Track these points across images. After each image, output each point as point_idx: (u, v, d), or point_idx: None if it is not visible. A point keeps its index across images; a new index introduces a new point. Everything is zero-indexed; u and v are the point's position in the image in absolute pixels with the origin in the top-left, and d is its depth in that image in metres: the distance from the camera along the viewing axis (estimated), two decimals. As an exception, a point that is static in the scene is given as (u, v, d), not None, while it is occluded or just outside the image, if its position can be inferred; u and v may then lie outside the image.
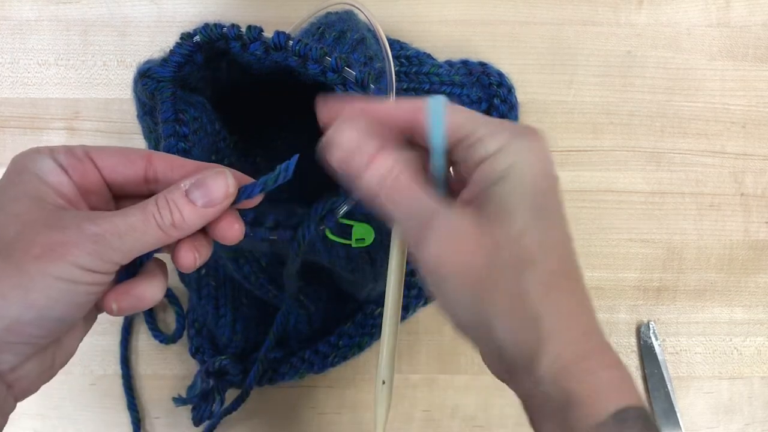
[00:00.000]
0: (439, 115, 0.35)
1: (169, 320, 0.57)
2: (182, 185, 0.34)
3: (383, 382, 0.44)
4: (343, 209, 0.42)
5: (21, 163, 0.34)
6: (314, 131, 0.53)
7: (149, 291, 0.36)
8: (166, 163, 0.36)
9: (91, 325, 0.38)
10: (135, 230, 0.33)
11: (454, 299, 0.34)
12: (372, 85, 0.41)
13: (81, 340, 0.38)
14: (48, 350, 0.35)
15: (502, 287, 0.33)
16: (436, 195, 0.34)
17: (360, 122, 0.35)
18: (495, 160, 0.34)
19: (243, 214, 0.40)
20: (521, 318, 0.33)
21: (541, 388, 0.33)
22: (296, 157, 0.36)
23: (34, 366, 0.35)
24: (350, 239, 0.44)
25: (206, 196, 0.35)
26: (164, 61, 0.43)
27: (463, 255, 0.33)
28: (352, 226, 0.43)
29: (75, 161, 0.35)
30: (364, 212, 0.43)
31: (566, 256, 0.34)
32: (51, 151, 0.34)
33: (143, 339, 0.57)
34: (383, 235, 0.45)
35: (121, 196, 0.37)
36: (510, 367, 0.34)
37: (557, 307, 0.33)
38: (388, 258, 0.41)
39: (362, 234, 0.43)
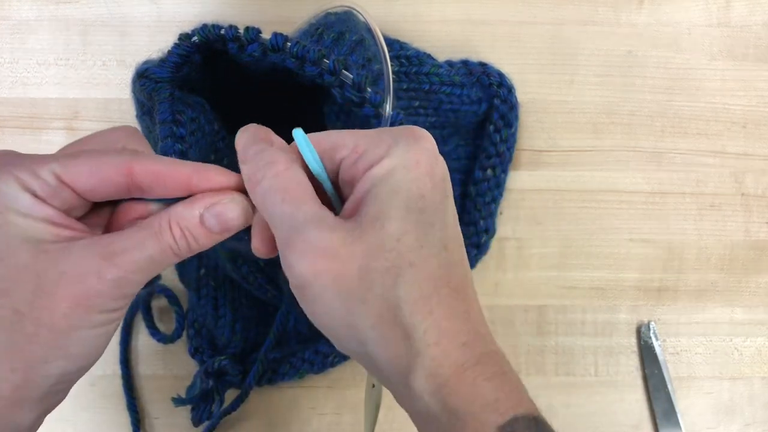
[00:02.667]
0: (304, 140, 0.35)
1: (169, 320, 0.57)
2: (197, 212, 0.33)
3: (373, 386, 0.44)
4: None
5: None
6: (313, 131, 0.53)
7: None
8: (153, 176, 0.33)
9: None
10: (154, 263, 0.33)
11: (326, 313, 0.32)
12: (369, 89, 0.41)
13: None
14: None
15: (374, 296, 0.31)
16: (318, 204, 0.33)
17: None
18: (379, 165, 0.32)
19: None
20: (393, 329, 0.31)
21: (422, 405, 0.31)
22: None
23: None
24: None
25: (223, 223, 0.34)
26: (162, 61, 0.43)
27: (333, 263, 0.31)
28: None
29: (49, 190, 0.32)
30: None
31: (448, 260, 0.32)
32: (18, 179, 0.31)
33: (143, 339, 0.57)
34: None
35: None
36: (388, 382, 0.33)
37: (433, 317, 0.31)
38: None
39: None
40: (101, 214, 0.35)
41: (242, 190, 0.35)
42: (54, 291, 0.31)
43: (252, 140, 0.36)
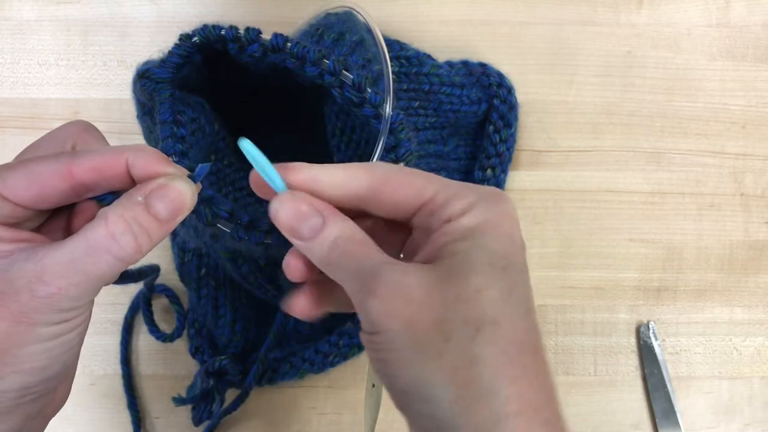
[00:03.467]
0: (251, 150, 0.33)
1: (169, 319, 0.57)
2: (139, 198, 0.31)
3: (373, 386, 0.44)
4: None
5: None
6: (313, 131, 0.53)
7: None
8: (94, 171, 0.32)
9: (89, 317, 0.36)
10: (88, 275, 0.30)
11: (395, 361, 0.30)
12: (369, 89, 0.41)
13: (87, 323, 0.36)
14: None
15: (451, 349, 0.28)
16: (387, 255, 0.32)
17: (302, 195, 0.33)
18: (459, 221, 0.31)
19: (239, 217, 0.40)
20: (468, 389, 0.28)
21: None
22: (207, 166, 0.34)
23: (63, 389, 0.35)
24: None
25: (171, 205, 0.31)
26: (162, 62, 0.43)
27: (410, 308, 0.29)
28: None
29: None
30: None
31: (531, 324, 0.30)
32: None
33: (143, 339, 0.57)
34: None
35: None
36: None
37: (518, 385, 0.28)
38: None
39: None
40: (61, 217, 0.34)
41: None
42: None
43: (299, 215, 0.33)
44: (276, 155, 0.57)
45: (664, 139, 0.59)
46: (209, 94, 0.48)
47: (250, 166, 0.35)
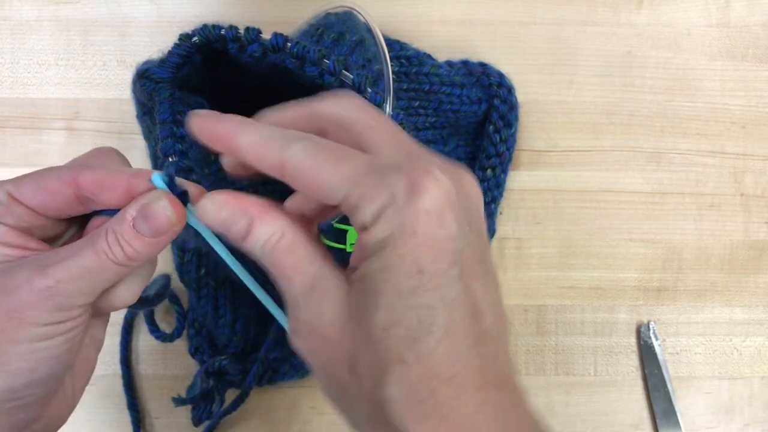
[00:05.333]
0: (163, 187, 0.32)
1: (169, 319, 0.57)
2: (128, 216, 0.32)
3: None
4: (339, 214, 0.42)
5: None
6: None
7: (118, 295, 0.34)
8: (96, 184, 0.33)
9: (101, 336, 0.37)
10: (90, 271, 0.31)
11: (325, 391, 0.30)
12: (369, 89, 0.41)
13: (96, 353, 0.37)
14: (63, 385, 0.35)
15: (365, 393, 0.28)
16: (323, 263, 0.30)
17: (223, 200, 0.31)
18: (370, 232, 0.28)
19: None
20: (384, 429, 0.27)
21: None
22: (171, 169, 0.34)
23: (58, 403, 0.35)
24: (345, 244, 0.44)
25: (152, 224, 0.32)
26: (162, 62, 0.43)
27: (326, 349, 0.29)
28: (347, 231, 0.43)
29: (3, 208, 0.32)
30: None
31: (452, 351, 0.27)
32: None
33: (143, 339, 0.57)
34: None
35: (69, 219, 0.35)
36: None
37: (428, 423, 0.26)
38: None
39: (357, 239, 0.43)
40: (69, 232, 0.36)
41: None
42: None
43: (224, 221, 0.32)
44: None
45: (664, 139, 0.59)
46: (209, 94, 0.48)
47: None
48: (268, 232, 0.31)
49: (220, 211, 0.31)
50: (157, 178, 0.32)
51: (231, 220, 0.31)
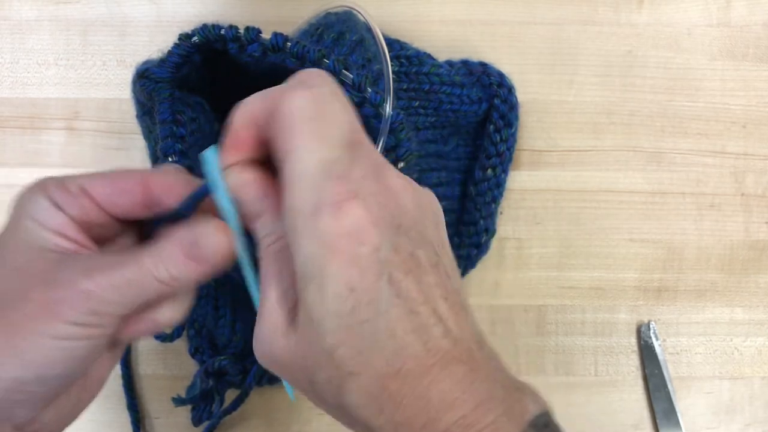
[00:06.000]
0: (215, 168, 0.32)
1: (169, 320, 0.57)
2: (181, 240, 0.33)
3: None
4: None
5: (19, 208, 0.33)
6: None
7: (165, 314, 0.35)
8: (164, 188, 0.34)
9: (117, 358, 0.37)
10: (131, 285, 0.32)
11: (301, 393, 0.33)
12: (369, 89, 0.41)
13: (110, 370, 0.37)
14: (68, 393, 0.35)
15: (327, 402, 0.31)
16: (278, 301, 0.32)
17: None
18: (296, 258, 0.30)
19: None
20: (355, 425, 0.31)
21: None
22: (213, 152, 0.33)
23: (54, 412, 0.35)
24: None
25: (205, 253, 0.33)
26: (162, 61, 0.43)
27: (285, 372, 0.32)
28: None
29: (70, 198, 0.33)
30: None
31: (396, 348, 0.29)
32: (44, 189, 0.33)
33: (143, 339, 0.57)
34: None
35: (128, 221, 0.35)
36: None
37: (384, 414, 0.30)
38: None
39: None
40: (123, 239, 0.36)
41: None
42: (30, 294, 0.31)
43: (251, 197, 0.33)
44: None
45: (665, 139, 0.59)
46: (209, 94, 0.48)
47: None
48: (266, 230, 0.32)
49: (239, 187, 0.32)
50: (211, 153, 0.32)
51: (244, 200, 0.32)
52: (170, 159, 0.42)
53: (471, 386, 0.30)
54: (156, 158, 0.50)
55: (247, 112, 0.32)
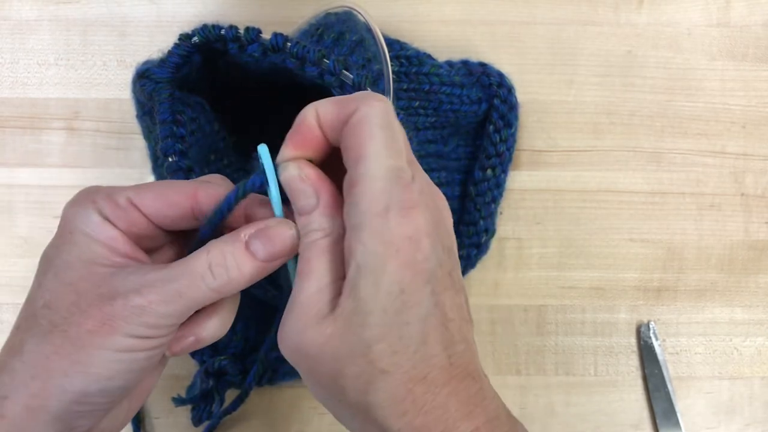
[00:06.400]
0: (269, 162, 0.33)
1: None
2: (242, 235, 0.33)
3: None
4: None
5: (69, 221, 0.34)
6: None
7: (208, 329, 0.36)
8: (213, 201, 0.34)
9: (163, 368, 0.38)
10: (181, 297, 0.32)
11: (314, 396, 0.34)
12: (369, 89, 0.41)
13: (157, 379, 0.38)
14: (122, 402, 0.36)
15: (348, 398, 0.31)
16: (336, 282, 0.32)
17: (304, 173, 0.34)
18: (356, 252, 0.31)
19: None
20: (371, 427, 0.31)
21: None
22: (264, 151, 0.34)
23: (109, 420, 0.35)
24: None
25: (270, 247, 0.33)
26: (162, 62, 0.43)
27: (307, 361, 0.32)
28: None
29: (119, 211, 0.34)
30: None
31: (424, 356, 0.31)
32: (94, 202, 0.34)
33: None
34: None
35: (176, 231, 0.36)
36: None
37: (406, 418, 0.31)
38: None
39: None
40: (171, 248, 0.37)
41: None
42: (87, 309, 0.32)
43: (306, 191, 0.34)
44: (276, 155, 0.57)
45: (665, 139, 0.59)
46: (209, 94, 0.48)
47: (249, 167, 0.35)
48: (316, 225, 0.33)
49: (299, 180, 0.33)
50: (265, 150, 0.33)
51: (302, 193, 0.33)
52: (170, 159, 0.42)
53: (483, 402, 0.32)
54: (156, 158, 0.50)
55: (319, 114, 0.33)
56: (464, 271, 0.57)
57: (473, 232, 0.56)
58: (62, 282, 0.33)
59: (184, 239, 0.37)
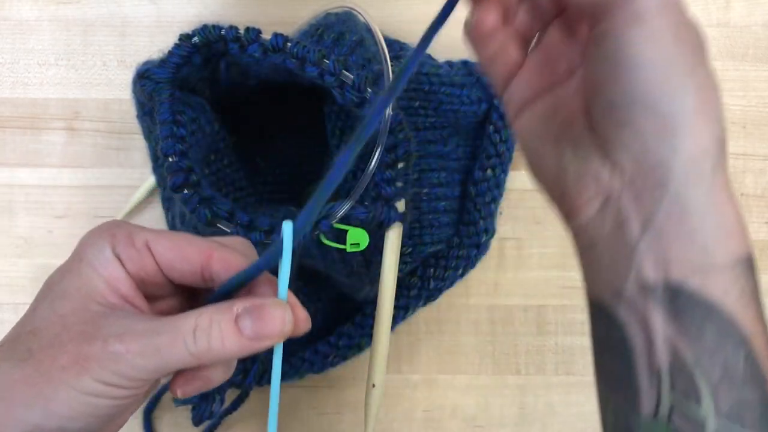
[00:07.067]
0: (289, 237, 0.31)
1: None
2: (234, 308, 0.32)
3: (373, 386, 0.44)
4: (340, 213, 0.42)
5: (82, 250, 0.33)
6: (313, 131, 0.53)
7: (217, 374, 0.35)
8: (224, 267, 0.34)
9: (140, 404, 0.37)
10: (159, 352, 0.31)
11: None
12: (369, 89, 0.42)
13: (130, 414, 0.37)
14: None
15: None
16: None
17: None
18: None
19: (238, 217, 0.40)
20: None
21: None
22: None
23: None
24: (345, 244, 0.44)
25: (259, 328, 0.32)
26: (162, 62, 0.43)
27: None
28: (346, 231, 0.43)
29: (133, 253, 0.33)
30: (359, 217, 0.43)
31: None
32: (113, 236, 0.33)
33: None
34: (378, 239, 0.45)
35: (181, 284, 0.35)
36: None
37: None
38: (382, 262, 0.41)
39: (357, 239, 0.43)
40: (170, 301, 0.36)
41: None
42: (66, 344, 0.31)
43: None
44: (278, 154, 0.57)
45: (665, 139, 0.59)
46: (209, 94, 0.48)
47: (249, 167, 0.35)
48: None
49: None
50: (288, 227, 0.32)
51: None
52: (170, 159, 0.42)
53: None
54: (156, 158, 0.50)
55: None
56: (464, 272, 0.57)
57: (473, 232, 0.56)
58: (54, 312, 0.32)
59: (188, 294, 0.37)
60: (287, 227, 0.32)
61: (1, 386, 0.31)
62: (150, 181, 0.56)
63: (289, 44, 0.42)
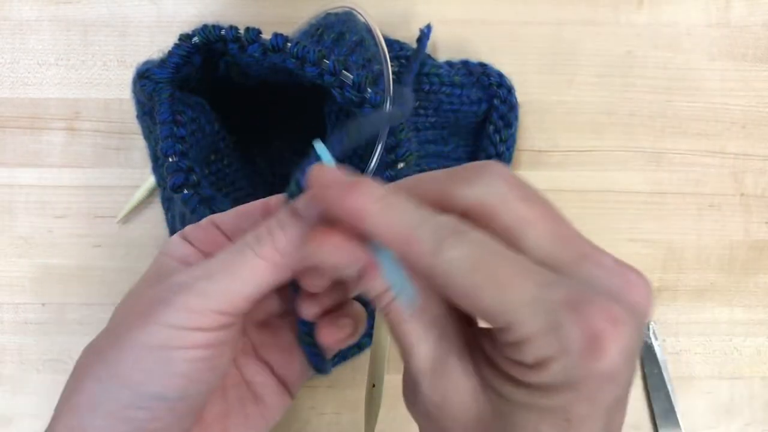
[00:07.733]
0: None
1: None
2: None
3: (373, 386, 0.44)
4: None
5: (159, 252, 0.34)
6: (314, 131, 0.53)
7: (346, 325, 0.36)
8: (283, 201, 0.31)
9: (290, 398, 0.38)
10: (228, 266, 0.29)
11: None
12: (369, 89, 0.42)
13: (282, 410, 0.37)
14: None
15: None
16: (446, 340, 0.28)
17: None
18: (526, 373, 0.25)
19: None
20: None
21: None
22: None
23: None
24: None
25: (314, 204, 0.28)
26: (162, 62, 0.43)
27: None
28: None
29: (200, 232, 0.34)
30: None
31: None
32: (182, 231, 0.34)
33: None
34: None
35: None
36: None
37: None
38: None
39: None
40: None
41: None
42: (134, 310, 0.30)
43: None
44: (278, 154, 0.57)
45: (664, 139, 0.59)
46: (209, 94, 0.48)
47: (249, 167, 0.35)
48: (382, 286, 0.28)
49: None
50: (324, 151, 0.28)
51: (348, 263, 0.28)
52: (170, 159, 0.42)
53: None
54: (156, 158, 0.50)
55: None
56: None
57: (473, 232, 0.56)
58: (131, 295, 0.33)
59: None
60: (319, 145, 0.29)
61: (77, 367, 0.31)
62: (150, 181, 0.56)
63: (288, 44, 0.42)
